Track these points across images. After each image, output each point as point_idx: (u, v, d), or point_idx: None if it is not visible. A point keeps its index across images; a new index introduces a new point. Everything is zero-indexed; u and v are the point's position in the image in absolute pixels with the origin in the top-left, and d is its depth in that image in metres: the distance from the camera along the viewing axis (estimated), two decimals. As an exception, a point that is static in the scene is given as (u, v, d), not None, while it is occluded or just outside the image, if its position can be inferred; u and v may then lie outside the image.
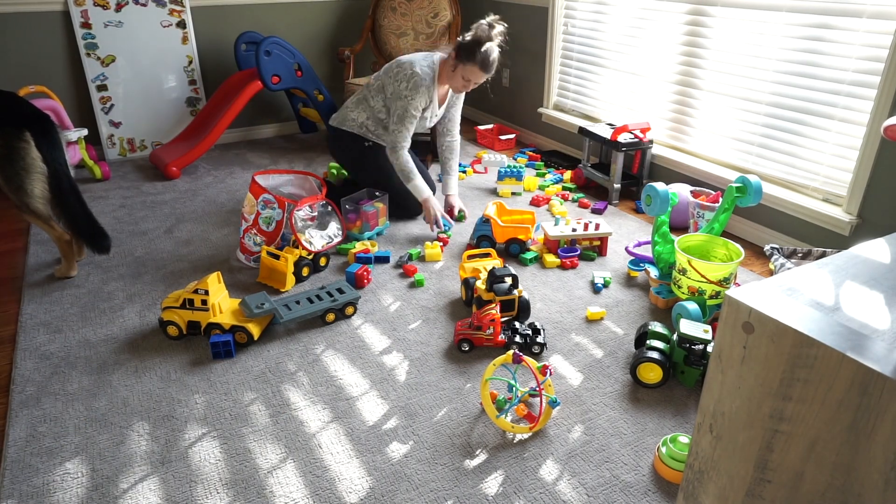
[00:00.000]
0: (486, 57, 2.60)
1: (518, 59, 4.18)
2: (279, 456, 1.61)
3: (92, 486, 1.52)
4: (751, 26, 2.67)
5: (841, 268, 0.88)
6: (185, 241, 2.80)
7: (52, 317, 2.22)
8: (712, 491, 0.91)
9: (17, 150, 2.20)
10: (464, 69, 2.65)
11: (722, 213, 2.21)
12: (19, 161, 2.21)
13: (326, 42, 4.39)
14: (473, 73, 2.65)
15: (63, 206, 2.35)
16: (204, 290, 2.02)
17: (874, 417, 0.68)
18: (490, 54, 2.60)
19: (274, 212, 2.48)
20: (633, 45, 3.31)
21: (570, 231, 2.61)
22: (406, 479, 1.54)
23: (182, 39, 3.87)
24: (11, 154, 2.20)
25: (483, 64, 2.61)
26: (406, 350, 2.04)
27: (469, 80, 2.69)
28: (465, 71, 2.66)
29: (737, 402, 0.83)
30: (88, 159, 3.51)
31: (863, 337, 0.72)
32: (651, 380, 1.84)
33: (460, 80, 2.71)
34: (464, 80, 2.70)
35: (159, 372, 1.93)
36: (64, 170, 2.33)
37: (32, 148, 2.22)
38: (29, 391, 1.84)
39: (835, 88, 2.42)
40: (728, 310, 0.80)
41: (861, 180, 2.35)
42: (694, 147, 3.10)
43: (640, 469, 1.57)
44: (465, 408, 1.78)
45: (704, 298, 2.06)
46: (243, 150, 4.12)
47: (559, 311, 2.25)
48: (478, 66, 2.62)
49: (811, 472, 0.76)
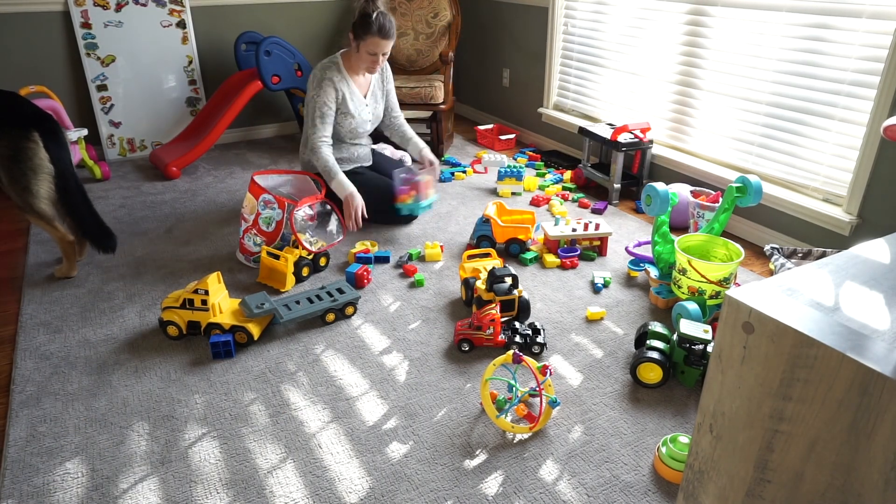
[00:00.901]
0: (380, 24, 2.58)
1: (518, 59, 4.18)
2: (279, 456, 1.61)
3: (92, 486, 1.52)
4: (751, 26, 2.67)
5: (841, 268, 0.88)
6: (185, 241, 2.80)
7: (52, 317, 2.22)
8: (712, 491, 0.91)
9: (24, 150, 2.19)
10: (365, 45, 2.63)
11: (722, 213, 2.21)
12: (27, 161, 2.20)
13: (326, 42, 4.39)
14: (375, 45, 2.62)
15: (70, 205, 2.35)
16: (204, 290, 2.02)
17: (874, 417, 0.68)
18: (382, 19, 2.59)
19: (274, 212, 2.48)
20: (633, 44, 3.31)
21: (570, 231, 2.61)
22: (406, 479, 1.54)
23: (182, 39, 3.87)
24: (18, 155, 2.19)
25: (380, 30, 2.59)
26: (406, 350, 2.04)
27: (374, 52, 2.65)
28: (367, 46, 2.63)
29: (737, 402, 0.83)
30: (88, 159, 3.51)
31: (863, 337, 0.72)
32: (651, 380, 1.84)
33: (367, 57, 2.68)
34: (370, 56, 2.67)
35: (159, 372, 1.93)
36: (71, 170, 2.32)
37: (41, 148, 2.22)
38: (29, 391, 1.84)
39: (835, 88, 2.42)
40: (728, 310, 0.80)
41: (861, 180, 2.35)
42: (694, 147, 3.10)
43: (640, 469, 1.57)
44: (465, 408, 1.78)
45: (704, 298, 2.06)
46: (243, 150, 4.12)
47: (559, 311, 2.25)
48: (377, 36, 2.60)
49: (811, 472, 0.76)
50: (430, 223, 2.97)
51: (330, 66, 2.72)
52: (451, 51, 3.82)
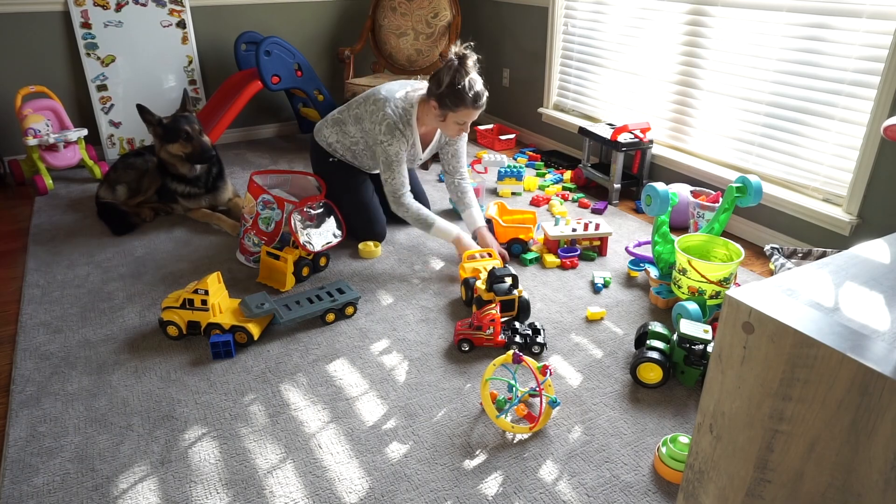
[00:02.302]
0: (475, 93, 2.37)
1: (518, 58, 4.18)
2: (279, 456, 1.61)
3: (92, 486, 1.52)
4: (751, 26, 2.67)
5: (841, 268, 0.88)
6: (185, 241, 2.80)
7: (52, 317, 2.22)
8: (712, 491, 0.91)
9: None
10: (455, 115, 2.40)
11: (722, 213, 2.21)
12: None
13: (326, 42, 4.39)
14: (467, 115, 2.41)
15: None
16: (204, 290, 2.02)
17: (874, 417, 0.68)
18: (474, 87, 2.36)
19: (273, 212, 2.48)
20: (633, 44, 3.31)
21: (570, 231, 2.61)
22: (406, 480, 1.54)
23: (182, 39, 3.87)
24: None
25: (475, 101, 2.38)
26: (406, 350, 2.04)
27: (464, 122, 2.44)
28: (457, 116, 2.41)
29: (737, 402, 0.83)
30: (88, 159, 3.51)
31: (863, 337, 0.72)
32: (651, 380, 1.84)
33: (454, 126, 2.45)
34: (459, 126, 2.45)
35: (159, 372, 1.93)
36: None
37: None
38: (29, 391, 1.84)
39: (834, 88, 2.42)
40: (728, 310, 0.80)
41: (861, 180, 2.35)
42: (694, 147, 3.10)
43: (640, 469, 1.57)
44: (465, 408, 1.78)
45: (704, 298, 2.06)
46: (243, 150, 4.12)
47: (559, 311, 2.25)
48: (471, 108, 2.38)
49: (811, 472, 0.76)
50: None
51: (403, 118, 2.48)
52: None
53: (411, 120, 2.50)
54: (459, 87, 2.33)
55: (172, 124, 2.81)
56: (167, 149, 2.84)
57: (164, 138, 2.83)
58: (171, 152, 2.85)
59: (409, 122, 2.50)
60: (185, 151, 2.83)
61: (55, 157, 3.40)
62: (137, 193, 2.98)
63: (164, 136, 2.82)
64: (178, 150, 2.83)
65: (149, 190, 2.98)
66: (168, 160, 2.88)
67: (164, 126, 2.82)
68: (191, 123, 2.82)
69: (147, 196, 2.99)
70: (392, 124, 2.44)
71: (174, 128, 2.80)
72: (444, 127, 2.49)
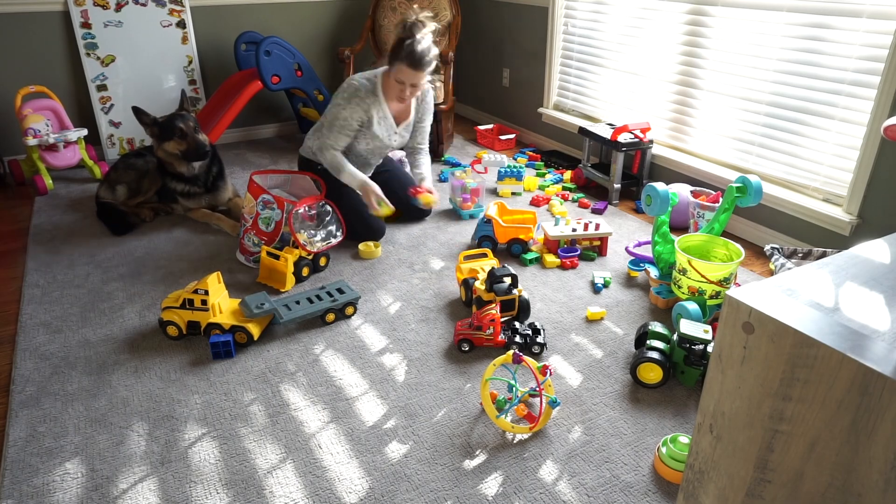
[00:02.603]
0: (409, 51, 2.38)
1: (518, 58, 4.18)
2: (279, 456, 1.61)
3: (92, 486, 1.52)
4: (751, 26, 2.67)
5: (841, 268, 0.88)
6: (185, 241, 2.80)
7: (52, 317, 2.22)
8: (712, 491, 0.90)
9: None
10: (394, 72, 2.48)
11: (722, 213, 2.21)
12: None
13: (326, 42, 4.39)
14: (402, 73, 2.45)
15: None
16: (204, 290, 2.02)
17: (874, 417, 0.68)
18: (415, 46, 2.37)
19: (273, 212, 2.48)
20: (633, 44, 3.31)
21: (570, 231, 2.61)
22: (406, 480, 1.54)
23: (182, 39, 3.87)
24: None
25: (410, 59, 2.39)
26: (406, 350, 2.03)
27: (402, 81, 2.48)
28: (396, 73, 2.47)
29: (737, 402, 0.83)
30: (88, 159, 3.51)
31: (863, 337, 0.72)
32: (651, 380, 1.84)
33: (395, 86, 2.52)
34: (398, 84, 2.50)
35: (159, 372, 1.92)
36: None
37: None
38: (29, 391, 1.84)
39: (834, 88, 2.42)
40: (728, 310, 0.80)
41: (861, 180, 2.35)
42: (694, 147, 3.10)
43: (640, 469, 1.57)
44: (465, 408, 1.78)
45: (704, 298, 2.06)
46: (243, 150, 4.12)
47: (559, 311, 2.25)
48: (405, 64, 2.41)
49: (811, 472, 0.76)
50: (430, 223, 2.97)
51: (366, 86, 2.57)
52: (452, 51, 3.82)
53: (376, 89, 2.60)
54: (404, 44, 2.42)
55: (167, 123, 2.82)
56: (164, 147, 2.85)
57: (160, 137, 2.84)
58: (167, 150, 2.85)
59: (373, 91, 2.59)
60: (180, 149, 2.84)
61: (55, 157, 3.40)
62: (137, 194, 2.98)
63: (160, 135, 2.83)
64: (174, 147, 2.84)
65: (149, 190, 2.98)
66: (165, 159, 2.89)
67: (159, 125, 2.83)
68: (185, 121, 2.83)
69: (147, 197, 2.99)
70: (353, 91, 2.55)
71: (169, 126, 2.81)
72: (389, 88, 2.57)
